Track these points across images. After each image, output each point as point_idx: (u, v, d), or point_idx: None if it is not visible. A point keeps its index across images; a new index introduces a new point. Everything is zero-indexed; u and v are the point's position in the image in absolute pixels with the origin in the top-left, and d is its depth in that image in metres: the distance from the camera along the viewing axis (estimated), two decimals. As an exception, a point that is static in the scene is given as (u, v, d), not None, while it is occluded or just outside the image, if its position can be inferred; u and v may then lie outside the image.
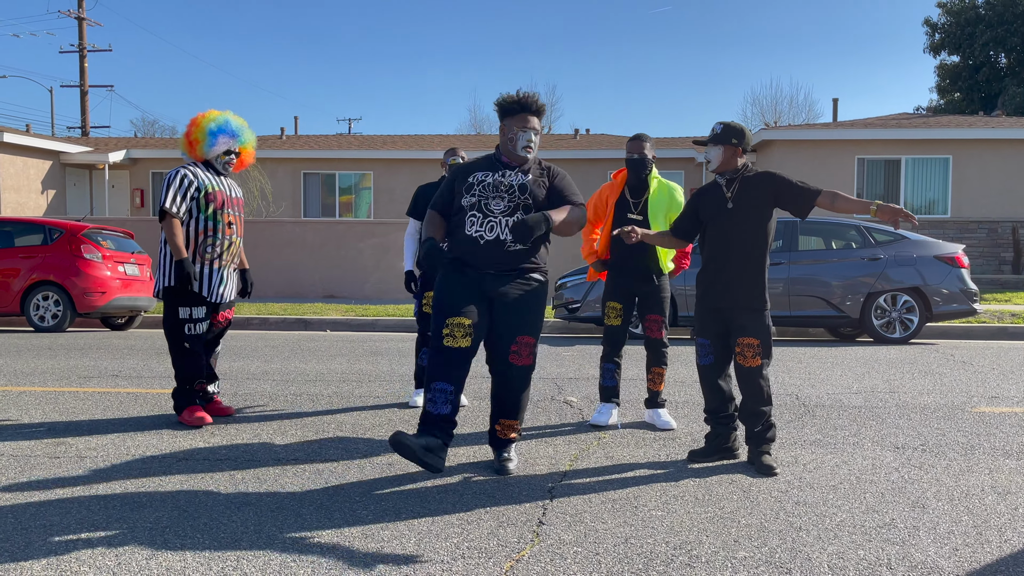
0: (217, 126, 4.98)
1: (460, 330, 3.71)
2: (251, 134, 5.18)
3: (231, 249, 5.04)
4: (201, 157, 5.02)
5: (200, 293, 4.91)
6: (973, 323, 10.85)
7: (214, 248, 4.93)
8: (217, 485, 3.66)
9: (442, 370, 3.70)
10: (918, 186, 18.50)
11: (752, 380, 3.96)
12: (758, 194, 4.01)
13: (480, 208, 3.83)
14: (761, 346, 3.96)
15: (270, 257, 16.17)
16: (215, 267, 4.95)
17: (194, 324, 4.93)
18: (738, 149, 4.04)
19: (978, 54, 31.83)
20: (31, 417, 5.13)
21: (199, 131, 4.99)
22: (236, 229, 5.08)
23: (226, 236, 4.97)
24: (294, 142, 23.76)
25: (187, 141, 5.05)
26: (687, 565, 2.76)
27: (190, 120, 5.09)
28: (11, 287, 11.15)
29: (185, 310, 4.90)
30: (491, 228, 3.81)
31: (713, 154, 4.05)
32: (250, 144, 5.17)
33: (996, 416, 5.23)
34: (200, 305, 4.93)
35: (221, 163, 5.05)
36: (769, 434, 4.00)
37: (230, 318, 5.26)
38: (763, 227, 4.02)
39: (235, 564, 2.75)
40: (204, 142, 4.97)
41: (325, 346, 9.18)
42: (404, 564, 2.76)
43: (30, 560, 2.78)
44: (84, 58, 33.17)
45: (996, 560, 2.84)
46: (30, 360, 7.81)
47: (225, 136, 4.99)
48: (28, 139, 21.42)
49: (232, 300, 5.17)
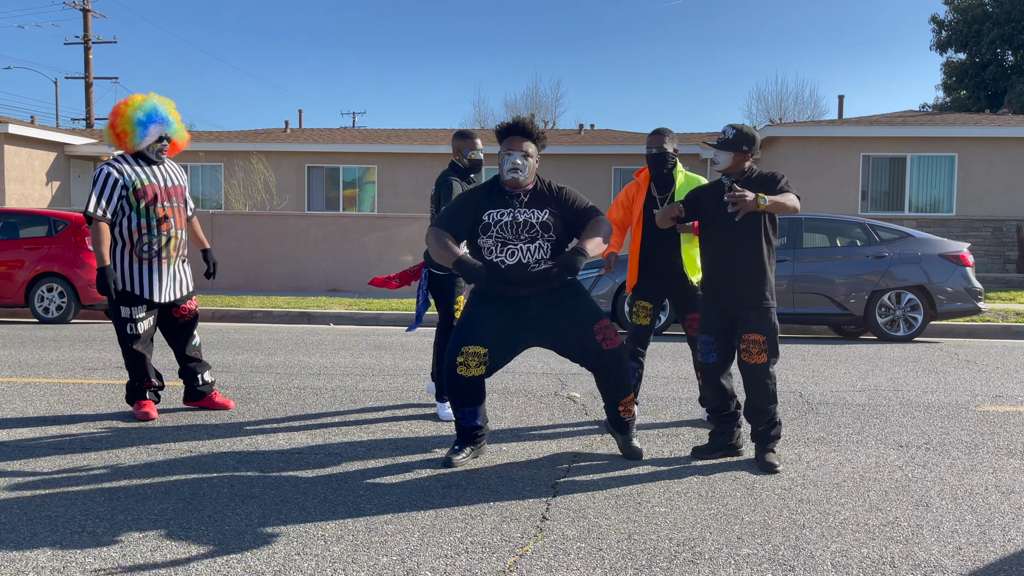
0: (145, 115, 4.72)
1: (475, 359, 3.84)
2: (177, 117, 4.91)
3: (171, 244, 4.85)
4: (132, 149, 4.78)
5: (138, 294, 4.79)
6: (977, 322, 10.83)
7: (151, 247, 4.77)
8: (221, 478, 3.67)
9: (462, 397, 3.93)
10: (923, 184, 18.45)
11: (756, 377, 3.96)
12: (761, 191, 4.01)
13: (497, 240, 3.86)
14: (767, 343, 3.95)
15: (274, 250, 16.18)
16: (153, 265, 4.79)
17: (134, 324, 4.83)
18: (747, 155, 4.08)
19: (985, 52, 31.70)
20: (36, 409, 5.15)
21: (126, 122, 4.71)
22: (174, 222, 4.84)
23: (162, 232, 4.79)
24: (298, 135, 23.76)
25: (113, 134, 4.78)
26: (690, 562, 2.76)
27: (114, 109, 4.79)
28: (16, 278, 11.17)
29: (126, 309, 4.81)
30: (512, 254, 3.86)
31: (722, 157, 4.08)
32: (180, 130, 4.92)
33: (1000, 415, 5.23)
34: (139, 305, 4.82)
35: (154, 152, 4.80)
36: (774, 432, 4.00)
37: (193, 309, 5.08)
38: (763, 228, 4.03)
39: (239, 556, 2.76)
40: (134, 134, 4.72)
41: (329, 340, 9.19)
42: (408, 558, 2.76)
43: (35, 551, 2.79)
44: (89, 50, 33.17)
45: (999, 559, 2.84)
46: (35, 351, 7.83)
47: (156, 125, 4.74)
48: (33, 131, 21.44)
49: (186, 294, 5.02)
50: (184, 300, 5.02)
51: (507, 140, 3.93)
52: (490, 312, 3.90)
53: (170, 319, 5.04)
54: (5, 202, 20.01)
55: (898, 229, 10.31)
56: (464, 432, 3.99)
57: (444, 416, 4.95)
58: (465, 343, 3.85)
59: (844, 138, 18.46)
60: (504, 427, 4.76)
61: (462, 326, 3.92)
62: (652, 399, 5.69)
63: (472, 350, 3.83)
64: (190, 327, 5.10)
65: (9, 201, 20.20)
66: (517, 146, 3.90)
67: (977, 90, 32.48)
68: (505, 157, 3.91)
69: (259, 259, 16.12)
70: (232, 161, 21.25)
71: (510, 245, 3.85)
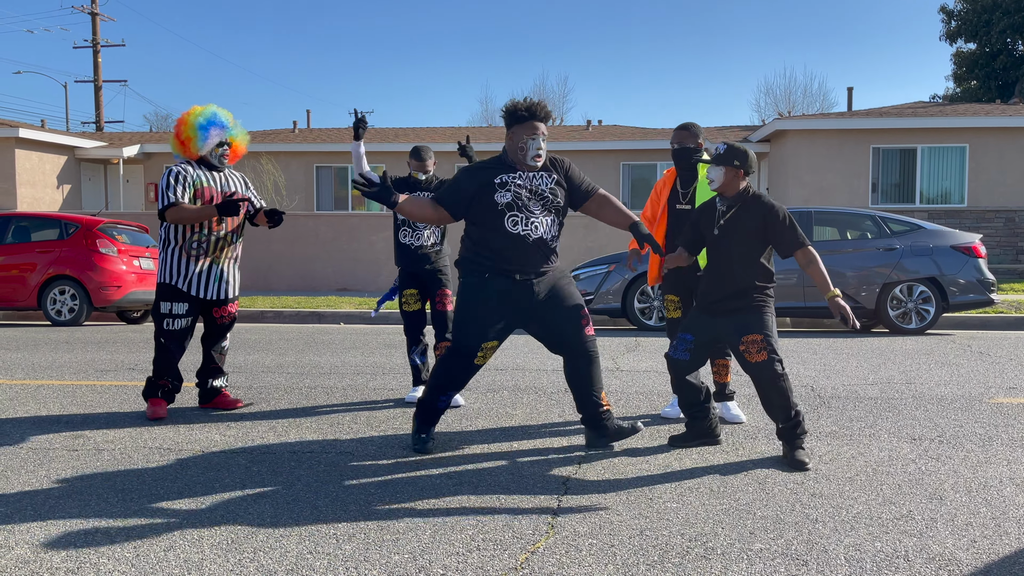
0: (206, 120, 4.93)
1: (492, 352, 4.08)
2: (239, 124, 5.12)
3: (220, 245, 4.97)
4: (195, 154, 4.96)
5: (185, 290, 4.91)
6: (990, 313, 10.76)
7: (200, 244, 4.90)
8: (233, 478, 3.68)
9: (463, 382, 4.10)
10: (934, 175, 18.34)
11: (763, 375, 3.95)
12: (752, 223, 4.04)
13: (520, 208, 3.93)
14: (764, 341, 3.95)
15: (283, 251, 16.23)
16: (201, 263, 4.92)
17: (172, 320, 4.93)
18: (739, 171, 4.06)
19: (995, 41, 31.46)
20: (49, 410, 5.18)
21: (189, 128, 4.93)
22: (226, 225, 4.98)
23: (213, 231, 4.92)
24: (307, 135, 23.81)
25: (178, 142, 4.99)
26: (703, 557, 2.75)
27: (178, 120, 5.03)
28: (28, 281, 11.25)
29: (167, 304, 4.93)
30: (536, 228, 3.94)
31: (715, 174, 4.08)
32: (240, 134, 5.11)
33: (1014, 407, 5.19)
34: (181, 302, 4.93)
35: (216, 157, 5.00)
36: (798, 429, 3.97)
37: (233, 313, 5.17)
38: (752, 254, 4.04)
39: (252, 556, 2.77)
40: (196, 138, 4.91)
41: (339, 339, 9.21)
42: (420, 556, 2.77)
43: (49, 552, 2.81)
44: (98, 53, 33.34)
45: (1015, 552, 2.82)
46: (48, 354, 7.88)
47: (216, 128, 4.94)
48: (43, 134, 21.57)
49: (230, 296, 5.11)
50: (226, 302, 5.11)
51: (528, 124, 3.95)
52: (499, 306, 3.98)
53: (210, 319, 5.14)
54: (17, 206, 20.13)
55: (909, 221, 10.25)
56: (437, 414, 4.15)
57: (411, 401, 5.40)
58: (484, 340, 3.98)
59: (854, 130, 18.37)
60: (515, 424, 4.76)
61: (476, 323, 3.97)
62: (663, 395, 5.68)
63: (491, 345, 4.02)
64: (224, 330, 5.19)
65: (21, 204, 20.32)
66: (542, 131, 3.97)
67: (988, 80, 32.24)
68: (529, 141, 3.94)
69: (269, 259, 16.16)
70: (241, 162, 21.26)
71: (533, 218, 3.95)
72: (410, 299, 5.43)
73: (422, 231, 5.41)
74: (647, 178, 21.49)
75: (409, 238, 5.41)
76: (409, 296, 5.43)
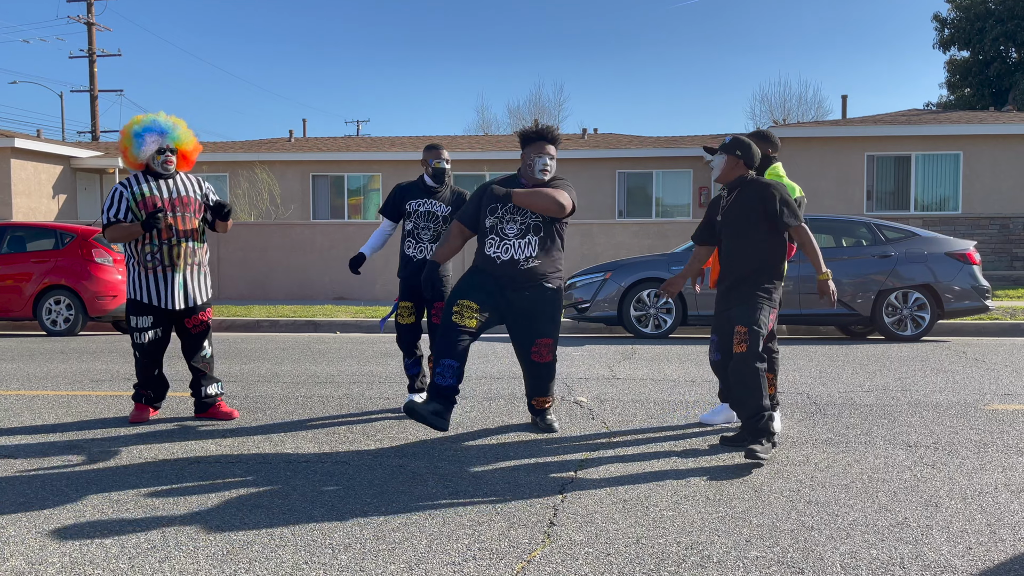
0: (142, 127, 4.92)
1: (468, 311, 4.35)
2: (186, 130, 5.07)
3: (175, 252, 4.93)
4: (136, 163, 4.97)
5: (147, 303, 4.92)
6: (985, 320, 10.78)
7: (154, 255, 4.89)
8: (229, 487, 3.67)
9: (450, 348, 4.30)
10: (929, 182, 18.39)
11: (734, 366, 4.09)
12: (751, 205, 4.18)
13: (496, 232, 4.49)
14: (747, 335, 4.03)
15: (280, 260, 16.22)
16: (159, 274, 4.91)
17: (140, 333, 4.97)
18: (740, 161, 4.23)
19: (988, 49, 31.60)
20: (44, 420, 5.17)
21: (125, 138, 4.95)
22: (176, 230, 4.92)
23: (163, 240, 4.89)
24: (303, 144, 23.82)
25: (121, 153, 5.03)
26: (699, 565, 2.75)
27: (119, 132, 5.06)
28: (23, 291, 11.22)
29: (133, 319, 4.99)
30: (506, 250, 4.48)
31: (717, 162, 4.26)
32: (185, 139, 5.05)
33: (1009, 413, 5.20)
34: (146, 315, 4.95)
35: (158, 163, 4.95)
36: (760, 425, 3.99)
37: (205, 320, 5.13)
38: (756, 235, 4.09)
39: (247, 566, 2.76)
40: (132, 146, 4.92)
41: (335, 348, 9.20)
42: (416, 566, 2.76)
43: (44, 563, 2.80)
44: (94, 63, 33.34)
45: (1010, 559, 2.82)
46: (43, 364, 7.86)
47: (152, 135, 4.91)
48: (39, 144, 21.55)
49: (198, 304, 5.07)
50: (196, 311, 5.08)
51: (537, 145, 4.54)
52: (482, 281, 4.46)
53: (183, 328, 5.12)
54: (12, 216, 20.10)
55: (904, 228, 10.28)
56: (439, 391, 4.29)
57: None
58: (460, 297, 4.39)
59: (848, 138, 18.42)
60: (511, 432, 4.76)
61: (457, 288, 4.47)
62: (659, 403, 5.68)
63: (467, 303, 4.36)
64: (200, 338, 5.15)
65: (16, 215, 20.30)
66: (548, 151, 4.54)
67: (981, 88, 32.38)
68: (536, 159, 4.53)
69: (265, 268, 16.15)
70: (237, 171, 21.30)
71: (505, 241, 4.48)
72: (404, 312, 5.42)
73: (426, 244, 5.38)
74: (643, 186, 21.54)
75: (413, 249, 5.39)
76: (404, 308, 5.42)
